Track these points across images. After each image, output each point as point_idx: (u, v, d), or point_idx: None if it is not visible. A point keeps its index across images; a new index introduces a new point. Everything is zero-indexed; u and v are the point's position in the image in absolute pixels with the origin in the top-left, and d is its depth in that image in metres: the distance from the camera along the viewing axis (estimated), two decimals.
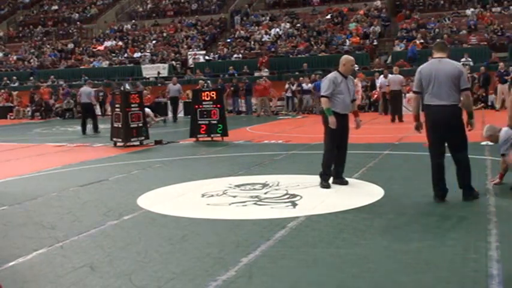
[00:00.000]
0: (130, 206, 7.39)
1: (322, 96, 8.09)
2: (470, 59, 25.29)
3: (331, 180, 8.20)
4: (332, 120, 7.92)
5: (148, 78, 31.18)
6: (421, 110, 7.13)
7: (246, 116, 25.10)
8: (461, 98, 6.76)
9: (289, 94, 25.83)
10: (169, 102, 25.59)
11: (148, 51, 34.75)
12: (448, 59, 6.89)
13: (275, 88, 26.23)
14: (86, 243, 5.82)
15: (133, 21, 40.40)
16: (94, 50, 37.18)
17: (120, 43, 37.02)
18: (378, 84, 22.83)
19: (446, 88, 6.68)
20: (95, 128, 18.91)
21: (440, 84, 6.69)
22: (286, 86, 25.82)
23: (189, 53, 32.81)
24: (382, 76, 21.91)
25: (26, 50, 39.40)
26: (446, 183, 6.99)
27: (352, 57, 8.43)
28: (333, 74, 8.17)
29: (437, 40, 8.55)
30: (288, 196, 7.62)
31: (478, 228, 5.70)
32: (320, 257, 5.03)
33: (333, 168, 8.27)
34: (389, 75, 20.67)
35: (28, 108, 30.32)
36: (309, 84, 24.88)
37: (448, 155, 7.04)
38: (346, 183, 8.21)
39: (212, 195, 7.87)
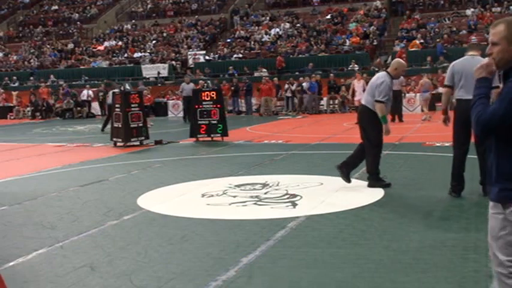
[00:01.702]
0: (130, 206, 7.39)
1: (379, 101, 7.74)
2: None
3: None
4: (387, 128, 7.78)
5: (148, 78, 31.19)
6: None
7: (246, 116, 25.09)
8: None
9: (288, 94, 25.83)
10: (181, 101, 24.99)
11: (148, 51, 34.75)
12: (481, 57, 6.98)
13: (275, 88, 26.23)
14: (86, 243, 5.82)
15: (133, 21, 40.39)
16: (94, 50, 37.18)
17: (120, 43, 37.02)
18: None
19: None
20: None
21: (473, 80, 6.76)
22: (286, 86, 25.82)
23: (189, 53, 32.80)
24: None
25: (26, 50, 39.39)
26: (464, 179, 7.02)
27: (404, 62, 8.29)
28: (388, 78, 7.86)
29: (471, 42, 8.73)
30: (288, 196, 7.62)
31: (478, 228, 5.69)
32: (320, 257, 5.03)
33: (347, 160, 8.11)
34: None
35: (28, 108, 30.31)
36: (307, 83, 24.88)
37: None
38: (349, 181, 8.18)
39: (212, 195, 7.87)
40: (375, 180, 7.96)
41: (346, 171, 8.09)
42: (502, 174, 2.90)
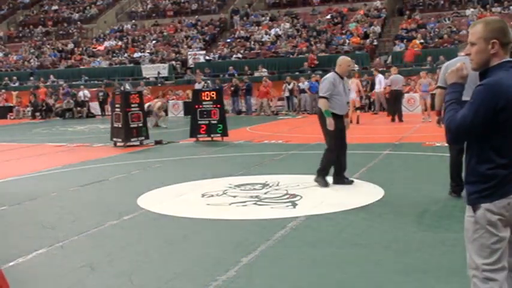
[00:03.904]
0: (130, 206, 7.39)
1: (321, 97, 8.10)
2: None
3: (331, 180, 8.24)
4: (330, 121, 7.93)
5: (148, 78, 31.17)
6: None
7: (246, 116, 25.10)
8: None
9: (287, 94, 25.83)
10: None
11: (148, 51, 34.74)
12: None
13: (275, 88, 26.27)
14: (86, 243, 5.82)
15: (133, 21, 40.38)
16: (94, 50, 37.17)
17: (120, 43, 37.01)
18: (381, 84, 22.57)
19: (472, 84, 6.75)
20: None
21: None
22: (284, 86, 25.85)
23: (189, 53, 32.79)
24: (380, 75, 21.93)
25: (26, 50, 39.37)
26: (463, 179, 7.01)
27: (348, 58, 8.50)
28: (331, 75, 8.22)
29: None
30: (288, 196, 7.62)
31: None
32: (320, 257, 5.03)
33: (335, 171, 8.27)
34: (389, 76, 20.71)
35: (28, 108, 30.32)
36: (306, 83, 24.88)
37: None
38: (350, 182, 8.21)
39: (212, 195, 7.87)
40: (320, 177, 8.17)
41: (340, 176, 8.24)
42: (471, 176, 2.90)
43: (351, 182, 8.22)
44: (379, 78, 21.34)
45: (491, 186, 2.80)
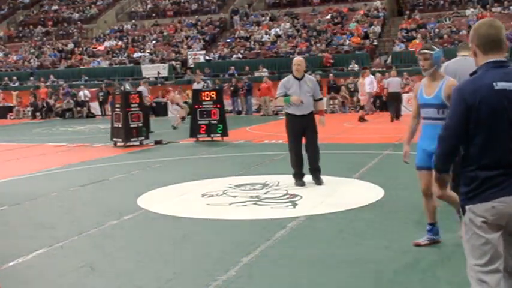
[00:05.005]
0: (130, 206, 7.39)
1: (275, 98, 8.68)
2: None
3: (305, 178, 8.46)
4: (294, 98, 8.15)
5: (148, 78, 31.13)
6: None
7: (246, 116, 25.09)
8: None
9: None
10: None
11: (148, 51, 34.73)
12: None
13: (275, 88, 26.26)
14: (86, 243, 5.82)
15: (133, 21, 40.37)
16: (94, 50, 37.16)
17: (120, 43, 37.01)
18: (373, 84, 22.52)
19: None
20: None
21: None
22: None
23: (189, 53, 32.78)
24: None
25: (26, 50, 39.36)
26: None
27: (299, 58, 8.64)
28: (286, 78, 8.55)
29: (463, 42, 8.88)
30: (288, 196, 7.62)
31: None
32: (320, 257, 5.03)
33: (309, 168, 8.45)
34: (388, 77, 20.78)
35: (28, 108, 30.31)
36: None
37: None
38: (320, 183, 8.27)
39: (212, 195, 7.87)
40: (293, 175, 8.42)
41: (315, 177, 8.41)
42: (461, 178, 2.95)
43: (320, 183, 8.29)
44: (371, 79, 21.33)
45: (473, 188, 2.86)
